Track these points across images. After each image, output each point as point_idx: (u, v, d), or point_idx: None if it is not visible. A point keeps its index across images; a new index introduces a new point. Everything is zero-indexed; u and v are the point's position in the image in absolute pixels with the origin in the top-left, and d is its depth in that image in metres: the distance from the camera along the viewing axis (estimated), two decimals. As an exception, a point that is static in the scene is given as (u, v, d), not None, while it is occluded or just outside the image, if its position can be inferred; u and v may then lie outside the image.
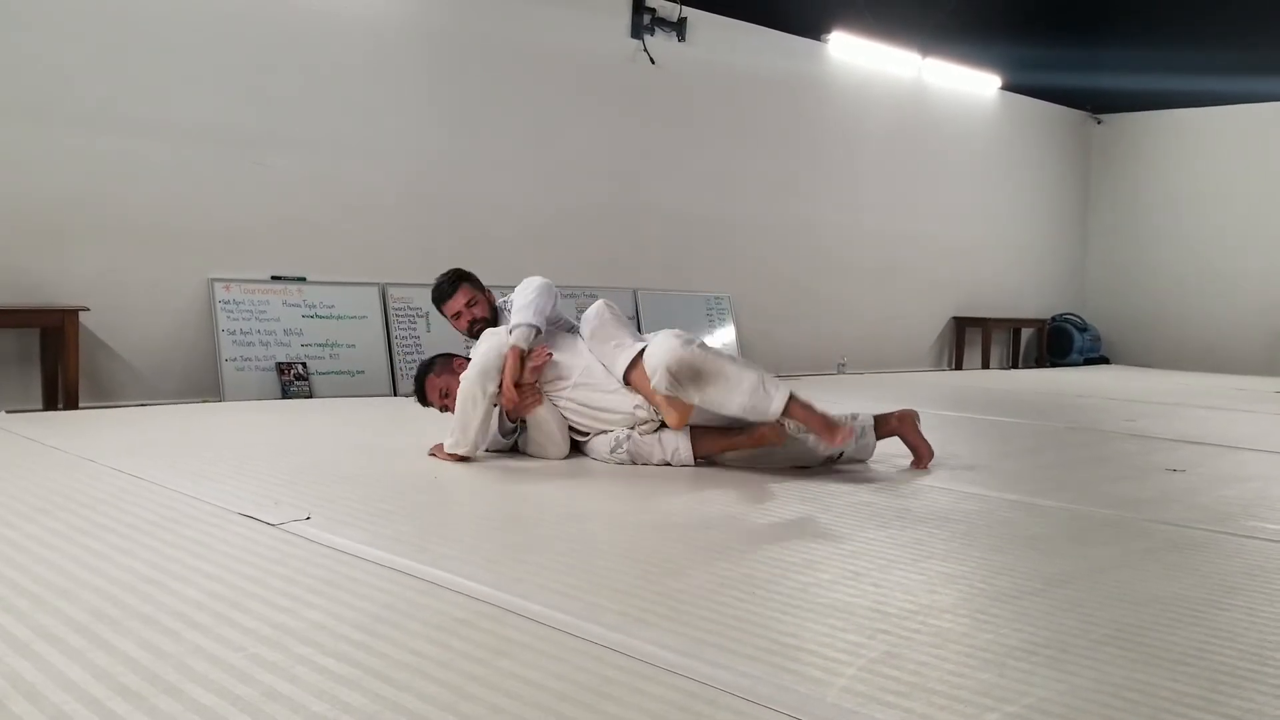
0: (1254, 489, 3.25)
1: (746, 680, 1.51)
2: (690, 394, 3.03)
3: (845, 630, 1.75)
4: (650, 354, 3.10)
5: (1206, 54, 9.38)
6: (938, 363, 9.31)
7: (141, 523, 2.40)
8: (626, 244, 6.97)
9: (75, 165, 4.84)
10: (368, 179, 5.77)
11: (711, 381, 3.01)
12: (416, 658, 1.57)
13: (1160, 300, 10.28)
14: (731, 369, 3.03)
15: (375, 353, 5.66)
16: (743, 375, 3.01)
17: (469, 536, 2.36)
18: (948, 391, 6.61)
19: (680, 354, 3.01)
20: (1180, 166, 10.20)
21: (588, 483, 3.04)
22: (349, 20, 5.66)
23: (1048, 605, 1.93)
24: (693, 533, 2.44)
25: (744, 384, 3.00)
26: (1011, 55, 9.29)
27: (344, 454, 3.49)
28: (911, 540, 2.41)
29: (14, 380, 4.72)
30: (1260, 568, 2.26)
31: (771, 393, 3.00)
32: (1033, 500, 2.95)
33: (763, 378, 3.03)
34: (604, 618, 1.78)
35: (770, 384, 3.02)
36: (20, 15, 4.67)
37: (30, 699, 1.39)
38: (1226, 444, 4.30)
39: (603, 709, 1.40)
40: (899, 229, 8.80)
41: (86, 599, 1.82)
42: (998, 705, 1.45)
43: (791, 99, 7.89)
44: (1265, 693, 1.53)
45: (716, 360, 3.04)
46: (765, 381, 3.02)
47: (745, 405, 3.01)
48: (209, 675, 1.48)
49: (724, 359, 3.08)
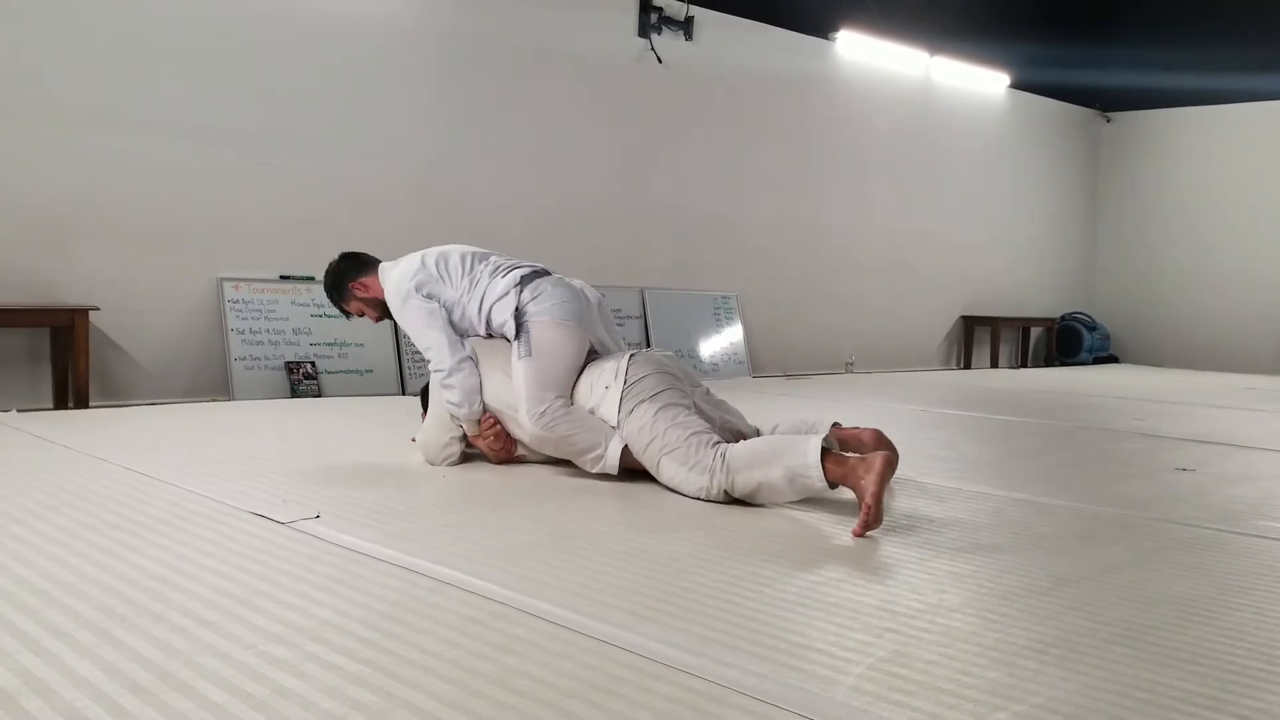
0: (1264, 488, 3.24)
1: (754, 679, 1.51)
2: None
3: (853, 629, 1.75)
4: None
5: (1216, 51, 9.34)
6: (946, 362, 9.29)
7: (151, 520, 2.41)
8: (633, 243, 6.97)
9: (85, 165, 4.86)
10: (376, 178, 5.78)
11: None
12: (425, 655, 1.57)
13: (1169, 299, 10.25)
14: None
15: (384, 352, 5.67)
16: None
17: (478, 535, 2.37)
18: (956, 390, 6.60)
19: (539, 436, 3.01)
20: (1190, 165, 10.16)
21: (595, 485, 3.04)
22: (357, 19, 5.67)
23: (1056, 604, 1.92)
24: (700, 532, 2.44)
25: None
26: (1020, 53, 9.27)
27: (353, 453, 3.50)
28: (919, 539, 2.41)
29: (25, 379, 4.74)
30: (1270, 567, 2.25)
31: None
32: (1041, 499, 2.94)
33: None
34: (612, 616, 1.78)
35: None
36: (30, 16, 4.69)
37: (42, 695, 1.39)
38: (1236, 443, 4.28)
39: (611, 707, 1.40)
40: (907, 227, 8.79)
41: (96, 596, 1.83)
42: (1006, 704, 1.45)
43: (799, 97, 7.88)
44: (1275, 692, 1.53)
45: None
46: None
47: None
48: (219, 672, 1.49)
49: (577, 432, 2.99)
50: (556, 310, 3.09)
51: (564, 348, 3.05)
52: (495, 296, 3.18)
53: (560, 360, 3.04)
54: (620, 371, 2.97)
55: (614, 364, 3.02)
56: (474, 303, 3.22)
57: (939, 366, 9.15)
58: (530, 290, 3.14)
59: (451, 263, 3.29)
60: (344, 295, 3.44)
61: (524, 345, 3.05)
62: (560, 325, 3.06)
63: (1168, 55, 9.52)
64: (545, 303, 3.10)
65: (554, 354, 3.04)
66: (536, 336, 3.04)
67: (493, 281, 3.22)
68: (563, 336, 3.05)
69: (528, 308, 3.11)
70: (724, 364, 7.18)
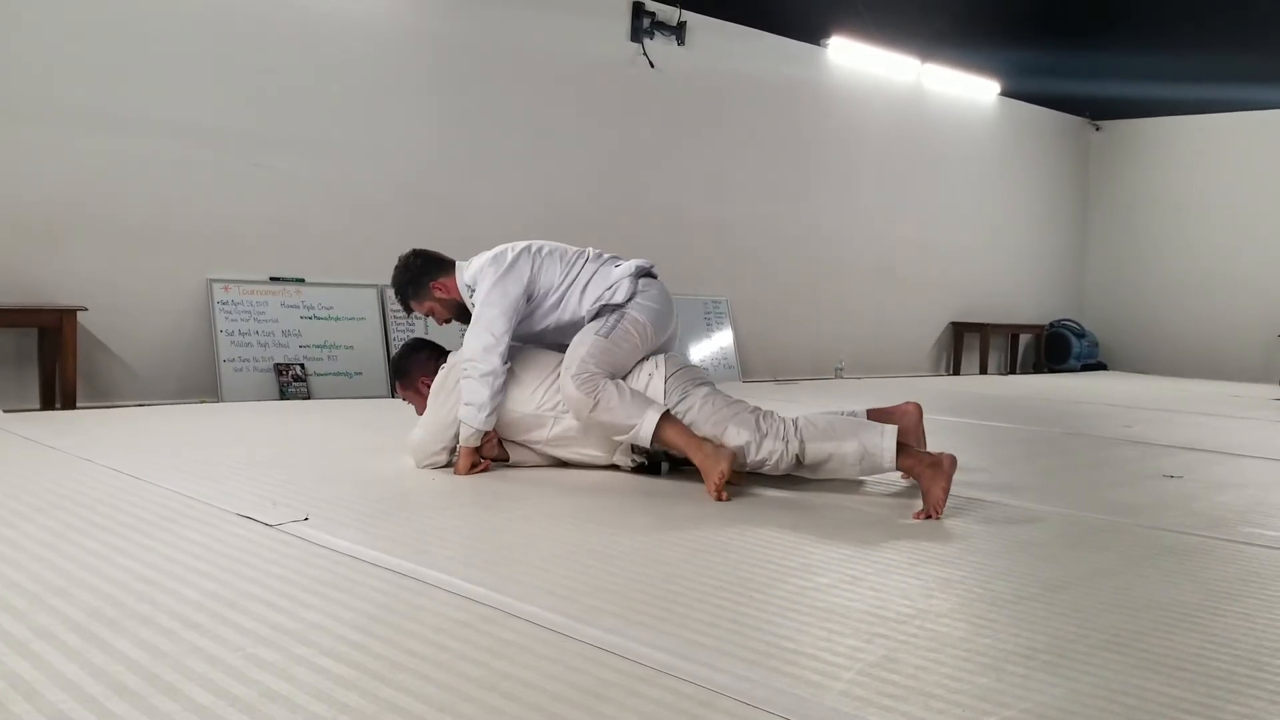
0: (1250, 495, 3.25)
1: (743, 683, 1.51)
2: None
3: (843, 634, 1.75)
4: None
5: (1206, 61, 9.39)
6: (936, 367, 9.32)
7: (139, 523, 2.40)
8: (625, 247, 6.87)
9: (74, 165, 4.84)
10: (367, 180, 5.77)
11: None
12: (414, 659, 1.57)
13: (1158, 307, 10.30)
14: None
15: (373, 354, 5.66)
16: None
17: (466, 538, 2.36)
18: (946, 396, 6.61)
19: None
20: (1178, 173, 10.22)
21: (585, 487, 3.04)
22: (349, 22, 5.67)
23: (1045, 610, 1.93)
24: (689, 536, 2.44)
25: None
26: (1011, 61, 9.31)
27: (342, 455, 3.49)
28: (909, 544, 2.42)
29: (12, 380, 4.71)
30: (1256, 574, 2.26)
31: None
32: (1030, 505, 2.95)
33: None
34: (601, 620, 1.78)
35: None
36: (19, 15, 4.68)
37: (28, 698, 1.39)
38: (1223, 450, 4.30)
39: (599, 710, 1.40)
40: (898, 234, 8.81)
41: (84, 599, 1.82)
42: (995, 709, 1.45)
43: (791, 103, 7.90)
44: (1261, 698, 1.53)
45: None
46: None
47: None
48: (207, 675, 1.48)
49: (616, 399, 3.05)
50: (651, 313, 3.21)
51: (637, 346, 3.17)
52: (609, 282, 3.24)
53: (629, 355, 3.15)
54: (660, 363, 3.16)
55: (650, 359, 3.20)
56: (578, 287, 3.25)
57: (928, 372, 9.18)
58: (642, 284, 3.27)
59: (549, 250, 3.33)
60: (422, 295, 3.35)
61: (606, 325, 3.13)
62: (647, 325, 3.18)
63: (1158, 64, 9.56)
64: (647, 302, 3.24)
65: (627, 348, 3.14)
66: (624, 327, 3.14)
67: (603, 267, 3.30)
68: (643, 337, 3.18)
69: (636, 299, 3.22)
70: (715, 368, 7.18)
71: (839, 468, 2.93)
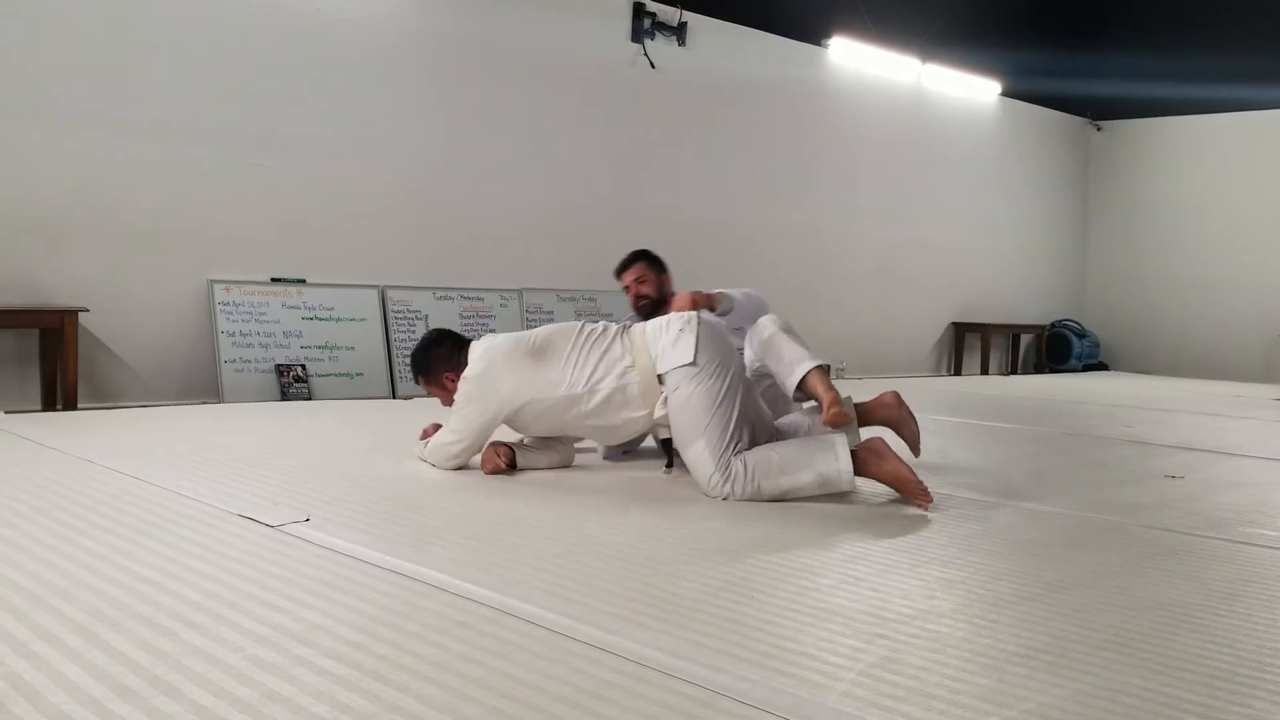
0: (1251, 495, 3.25)
1: (744, 684, 1.51)
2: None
3: (844, 635, 1.75)
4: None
5: (1206, 62, 9.39)
6: (937, 368, 9.31)
7: (140, 524, 2.40)
8: (626, 247, 6.85)
9: (75, 166, 4.84)
10: (368, 181, 5.77)
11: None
12: (415, 659, 1.57)
13: (1159, 307, 10.30)
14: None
15: (374, 355, 5.66)
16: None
17: (467, 539, 2.36)
18: (947, 397, 6.61)
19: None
20: (1179, 173, 10.22)
21: (586, 487, 3.04)
22: (350, 23, 5.67)
23: (1046, 610, 1.93)
24: (690, 537, 2.44)
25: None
26: (1012, 61, 9.31)
27: (343, 456, 3.49)
28: (910, 545, 2.42)
29: (13, 381, 4.72)
30: (1258, 574, 2.26)
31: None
32: (1031, 505, 2.95)
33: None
34: (602, 621, 1.78)
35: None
36: (21, 14, 4.68)
37: (30, 699, 1.39)
38: (1224, 450, 4.30)
39: (600, 711, 1.40)
40: (899, 234, 8.81)
41: (85, 599, 1.82)
42: (996, 710, 1.45)
43: (791, 104, 7.90)
44: (1263, 699, 1.53)
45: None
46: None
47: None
48: (208, 676, 1.48)
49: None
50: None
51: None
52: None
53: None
54: (692, 321, 3.00)
55: (681, 317, 3.04)
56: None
57: (930, 373, 9.17)
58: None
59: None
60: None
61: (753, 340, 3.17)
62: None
63: (1158, 65, 9.57)
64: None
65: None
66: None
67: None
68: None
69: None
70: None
71: (800, 495, 2.88)
